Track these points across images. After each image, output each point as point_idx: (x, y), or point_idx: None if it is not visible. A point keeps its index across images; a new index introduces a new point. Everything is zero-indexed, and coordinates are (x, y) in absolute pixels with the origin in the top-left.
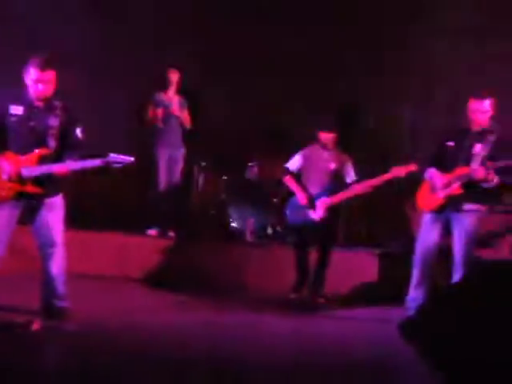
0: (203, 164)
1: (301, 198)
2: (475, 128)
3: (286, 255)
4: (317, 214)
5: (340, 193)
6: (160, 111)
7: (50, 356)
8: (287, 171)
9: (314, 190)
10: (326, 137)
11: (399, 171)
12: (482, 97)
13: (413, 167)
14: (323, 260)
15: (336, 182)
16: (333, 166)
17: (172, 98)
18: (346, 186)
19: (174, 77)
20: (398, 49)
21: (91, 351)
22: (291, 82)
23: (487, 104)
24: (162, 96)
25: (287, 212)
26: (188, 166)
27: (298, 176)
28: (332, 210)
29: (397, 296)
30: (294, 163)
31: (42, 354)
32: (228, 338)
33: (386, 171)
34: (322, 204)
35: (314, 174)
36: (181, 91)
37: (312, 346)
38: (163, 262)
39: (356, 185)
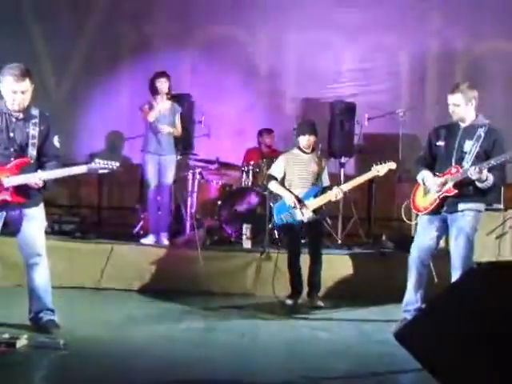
0: (198, 170)
1: (288, 199)
2: (463, 123)
3: (282, 261)
4: (304, 215)
5: (325, 194)
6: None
7: (37, 375)
8: (271, 177)
9: (299, 193)
10: (305, 140)
11: (380, 169)
12: (452, 91)
13: (393, 165)
14: (316, 261)
15: (318, 184)
16: (315, 167)
17: (163, 106)
18: (328, 187)
19: (164, 86)
20: None
21: (82, 367)
22: None
23: (459, 97)
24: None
25: (275, 215)
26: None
27: (282, 180)
28: (319, 210)
29: (396, 296)
30: (277, 168)
31: (29, 373)
32: (226, 344)
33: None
34: (310, 205)
35: (297, 177)
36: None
37: (312, 350)
38: (158, 270)
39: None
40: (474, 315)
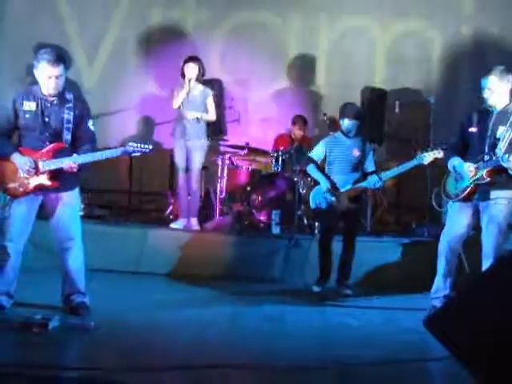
0: (228, 155)
1: (324, 185)
2: (496, 108)
3: (312, 247)
4: (341, 202)
5: (363, 182)
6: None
7: (68, 355)
8: (310, 160)
9: (337, 178)
10: (349, 124)
11: (426, 158)
12: (485, 74)
13: (440, 153)
14: (348, 249)
15: (359, 170)
16: (357, 153)
17: (190, 90)
18: (368, 174)
19: (191, 71)
20: None
21: (111, 349)
22: None
23: (494, 80)
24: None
25: (311, 199)
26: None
27: (321, 165)
28: (356, 198)
29: (425, 284)
30: (317, 152)
31: (61, 354)
32: (254, 330)
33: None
34: (346, 192)
35: (338, 162)
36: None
37: (340, 337)
38: (188, 255)
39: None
40: (506, 304)
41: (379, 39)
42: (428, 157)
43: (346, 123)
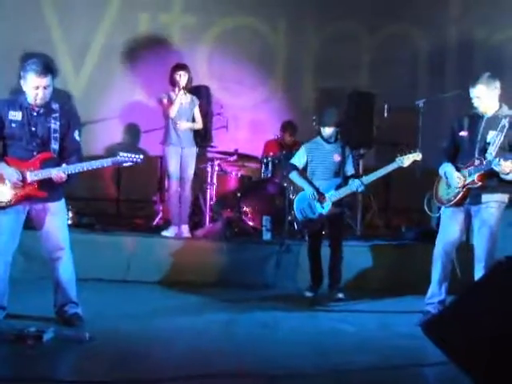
0: (217, 162)
1: (308, 191)
2: (487, 114)
3: (303, 252)
4: (324, 208)
5: (346, 186)
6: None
7: (63, 367)
8: (293, 167)
9: (320, 184)
10: (329, 131)
11: (405, 161)
12: (473, 83)
13: (418, 156)
14: (336, 253)
15: (341, 175)
16: (337, 158)
17: (183, 99)
18: (349, 178)
19: (183, 79)
20: None
21: (106, 359)
22: None
23: (482, 89)
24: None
25: (295, 206)
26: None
27: (304, 170)
28: (339, 203)
29: (417, 288)
30: (299, 158)
31: (55, 365)
32: (248, 338)
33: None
34: (330, 198)
35: (320, 167)
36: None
37: (333, 343)
38: (179, 262)
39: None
40: (504, 309)
41: (366, 42)
42: (407, 159)
43: (326, 131)
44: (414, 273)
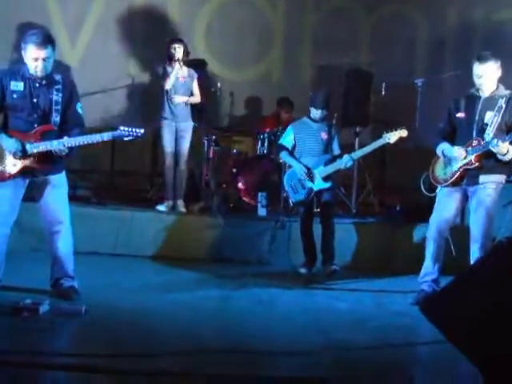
0: (213, 137)
1: (298, 169)
2: (484, 94)
3: (298, 229)
4: (315, 184)
5: (335, 162)
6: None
7: (60, 341)
8: (282, 147)
9: (308, 160)
10: (317, 113)
11: (391, 137)
12: (484, 59)
13: (404, 133)
14: (327, 229)
15: (329, 152)
16: (325, 136)
17: (180, 72)
18: (337, 157)
19: (179, 52)
20: None
21: (103, 334)
22: None
23: (491, 66)
24: (170, 67)
25: (285, 183)
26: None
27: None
28: (327, 178)
29: (411, 266)
30: (288, 138)
31: (52, 339)
32: (242, 313)
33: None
34: (320, 172)
35: (308, 145)
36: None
37: (330, 320)
38: (175, 237)
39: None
40: (504, 289)
41: (365, 20)
42: (393, 136)
43: (314, 112)
44: (408, 251)
